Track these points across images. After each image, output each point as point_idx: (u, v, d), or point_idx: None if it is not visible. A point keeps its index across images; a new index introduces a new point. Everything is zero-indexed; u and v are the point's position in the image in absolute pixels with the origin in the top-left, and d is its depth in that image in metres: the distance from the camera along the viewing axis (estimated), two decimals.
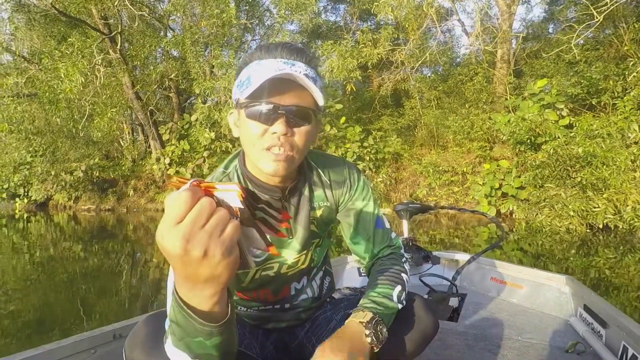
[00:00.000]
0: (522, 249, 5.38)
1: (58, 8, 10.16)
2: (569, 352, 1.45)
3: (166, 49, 10.91)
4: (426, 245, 5.80)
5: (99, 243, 6.86)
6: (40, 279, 4.41)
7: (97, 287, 3.96)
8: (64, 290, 3.93)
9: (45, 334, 2.74)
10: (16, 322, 2.98)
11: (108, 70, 10.87)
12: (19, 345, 2.54)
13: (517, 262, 3.76)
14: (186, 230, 0.42)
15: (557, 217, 6.54)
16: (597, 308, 1.54)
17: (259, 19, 12.16)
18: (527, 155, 8.47)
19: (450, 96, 12.12)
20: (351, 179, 0.97)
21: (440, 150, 11.18)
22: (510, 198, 8.37)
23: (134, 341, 0.76)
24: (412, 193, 10.97)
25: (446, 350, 1.49)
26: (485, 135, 10.11)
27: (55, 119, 10.67)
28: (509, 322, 1.77)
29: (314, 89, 0.74)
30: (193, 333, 0.54)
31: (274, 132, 0.75)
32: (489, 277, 2.23)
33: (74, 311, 3.25)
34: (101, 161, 13.60)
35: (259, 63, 0.77)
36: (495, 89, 11.39)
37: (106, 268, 4.90)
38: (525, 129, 8.17)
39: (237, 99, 0.80)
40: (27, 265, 5.15)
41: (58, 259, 5.57)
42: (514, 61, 11.82)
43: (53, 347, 1.06)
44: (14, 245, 6.93)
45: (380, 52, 9.45)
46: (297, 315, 1.02)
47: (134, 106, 12.22)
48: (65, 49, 8.96)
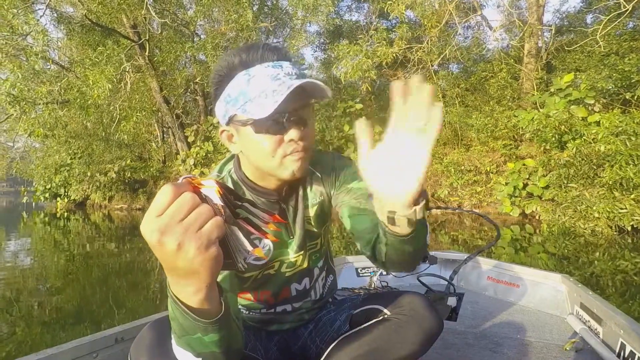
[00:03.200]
0: (547, 251, 5.18)
1: (92, 19, 10.83)
2: (567, 349, 1.47)
3: (192, 54, 11.33)
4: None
5: (130, 241, 7.22)
6: (77, 274, 4.70)
7: (129, 282, 4.15)
8: (98, 285, 4.16)
9: (81, 324, 2.91)
10: (57, 313, 3.19)
11: (137, 75, 11.43)
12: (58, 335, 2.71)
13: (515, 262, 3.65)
14: (163, 222, 0.43)
15: (582, 219, 6.22)
16: (593, 306, 1.56)
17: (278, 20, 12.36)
18: (552, 154, 8.10)
19: (474, 93, 11.79)
20: (339, 168, 0.95)
21: (464, 149, 10.90)
22: (536, 198, 8.04)
23: (139, 346, 0.74)
24: (434, 193, 10.77)
25: (447, 349, 1.51)
26: (511, 133, 9.75)
27: (86, 124, 11.31)
28: (507, 320, 1.80)
29: (322, 87, 0.72)
30: (191, 329, 0.55)
31: (290, 140, 0.74)
32: (486, 277, 2.26)
33: (107, 304, 3.42)
34: (132, 162, 14.26)
35: (247, 73, 0.74)
36: (522, 85, 10.97)
37: (137, 264, 5.18)
38: (550, 127, 7.81)
39: (231, 115, 0.77)
40: (67, 261, 5.50)
41: (93, 255, 5.93)
42: (546, 55, 11.31)
43: (54, 352, 1.05)
44: (55, 242, 7.43)
45: (394, 51, 9.33)
46: (300, 316, 1.02)
47: (162, 110, 12.78)
48: (95, 57, 9.54)
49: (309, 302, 1.01)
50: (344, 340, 0.87)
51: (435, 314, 0.88)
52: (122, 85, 10.52)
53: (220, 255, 0.46)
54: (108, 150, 13.85)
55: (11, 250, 6.62)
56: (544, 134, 7.95)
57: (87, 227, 9.95)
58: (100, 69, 8.90)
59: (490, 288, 2.20)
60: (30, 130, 10.67)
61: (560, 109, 7.95)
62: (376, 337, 0.84)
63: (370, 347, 0.83)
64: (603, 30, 7.70)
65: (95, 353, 1.12)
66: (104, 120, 11.60)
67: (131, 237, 7.69)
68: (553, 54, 11.32)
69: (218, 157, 11.52)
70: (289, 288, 0.97)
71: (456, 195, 10.19)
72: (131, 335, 1.17)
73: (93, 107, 9.94)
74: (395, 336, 0.82)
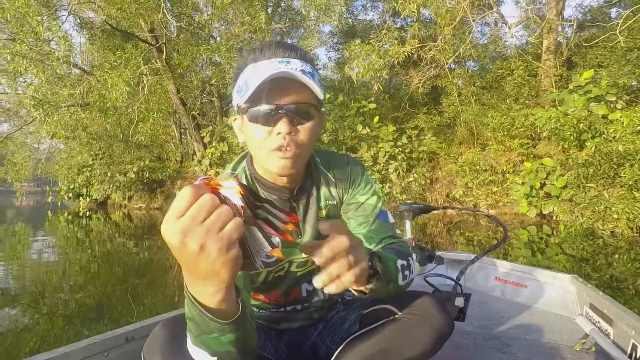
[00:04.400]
0: (564, 252, 5.06)
1: (111, 24, 11.17)
2: (577, 350, 1.46)
3: (207, 56, 11.53)
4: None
5: (148, 239, 7.42)
6: (98, 271, 4.87)
7: (146, 280, 4.28)
8: (118, 282, 4.30)
9: (100, 320, 3.02)
10: (79, 308, 3.32)
11: (155, 78, 11.71)
12: (79, 329, 2.82)
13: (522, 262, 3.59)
14: (184, 224, 0.43)
15: (601, 220, 6.05)
16: (603, 306, 1.54)
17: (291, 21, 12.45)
18: (571, 153, 7.89)
19: (490, 91, 11.57)
20: (354, 175, 0.96)
21: (480, 149, 10.72)
22: (554, 199, 7.85)
23: (152, 345, 0.75)
24: (449, 193, 10.64)
25: (456, 350, 1.51)
26: (528, 131, 9.54)
27: (105, 126, 11.63)
28: (515, 321, 1.79)
29: (312, 83, 0.73)
30: (207, 329, 0.55)
31: (278, 133, 0.75)
32: (493, 277, 2.25)
33: (126, 301, 3.53)
34: (151, 163, 14.60)
35: (254, 66, 0.76)
36: (540, 82, 10.70)
37: (154, 262, 5.33)
38: (569, 125, 7.61)
39: (238, 104, 0.80)
40: (88, 258, 5.72)
41: (113, 253, 6.14)
42: (567, 51, 10.98)
43: (67, 350, 1.06)
44: (78, 240, 7.70)
45: (406, 50, 9.25)
46: (310, 315, 1.02)
47: (179, 111, 13.06)
48: (113, 61, 9.84)
49: (318, 302, 1.01)
50: (355, 340, 0.86)
51: (446, 314, 0.88)
52: (140, 88, 10.80)
53: (240, 256, 0.47)
54: (127, 151, 14.23)
55: (37, 247, 6.91)
56: (562, 132, 7.75)
57: (108, 225, 10.25)
58: (119, 72, 9.18)
59: (498, 288, 2.19)
60: (53, 133, 11.11)
61: (579, 106, 7.73)
62: (387, 337, 0.83)
63: (380, 347, 0.82)
64: (624, 25, 7.43)
65: (106, 352, 1.13)
66: (122, 122, 11.92)
67: (149, 236, 7.90)
68: (573, 50, 11.00)
69: (233, 157, 11.67)
70: (300, 288, 0.98)
71: (471, 196, 10.04)
72: (141, 335, 1.19)
73: (112, 110, 10.27)
74: (406, 336, 0.82)
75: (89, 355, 1.10)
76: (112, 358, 1.14)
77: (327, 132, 11.05)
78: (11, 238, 8.07)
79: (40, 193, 24.64)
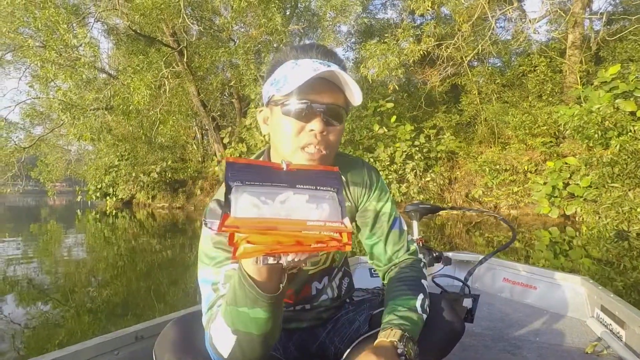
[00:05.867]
0: (589, 255, 4.91)
1: (135, 29, 11.58)
2: (588, 353, 1.43)
3: (225, 59, 11.77)
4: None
5: (171, 237, 7.67)
6: (124, 268, 5.08)
7: (169, 277, 4.40)
8: (142, 278, 4.48)
9: (124, 316, 3.14)
10: (105, 304, 3.46)
11: (176, 81, 12.05)
12: (103, 324, 2.94)
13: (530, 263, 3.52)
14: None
15: (626, 221, 5.82)
16: (615, 308, 1.52)
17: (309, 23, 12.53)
18: (595, 152, 7.61)
19: (511, 89, 11.28)
20: (370, 180, 0.96)
21: (501, 148, 10.48)
22: (577, 199, 7.59)
23: (163, 343, 0.75)
24: (467, 193, 10.46)
25: (464, 351, 1.50)
26: (551, 130, 9.26)
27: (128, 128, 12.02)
28: (524, 323, 1.77)
29: (355, 87, 0.74)
30: (242, 298, 0.59)
31: (311, 130, 0.75)
32: (502, 278, 2.24)
33: (148, 297, 3.66)
34: (173, 163, 15.00)
35: (296, 62, 0.77)
36: (565, 78, 10.35)
37: (177, 260, 5.50)
38: (593, 123, 7.33)
39: (270, 96, 0.80)
40: (114, 255, 5.97)
41: (138, 251, 6.37)
42: (595, 46, 10.54)
43: (78, 349, 1.07)
44: (105, 237, 8.02)
45: (422, 48, 9.12)
46: (319, 314, 1.01)
47: (200, 113, 13.38)
48: (136, 66, 10.20)
49: (327, 301, 1.01)
50: (365, 340, 0.85)
51: (456, 316, 0.88)
52: (162, 91, 11.14)
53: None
54: (151, 152, 14.69)
55: (68, 245, 7.26)
56: (586, 130, 7.48)
57: (133, 224, 10.61)
58: (141, 76, 9.51)
59: (506, 290, 2.17)
60: (79, 135, 11.62)
61: (604, 103, 7.44)
62: None
63: None
64: None
65: (116, 350, 1.14)
66: (143, 124, 12.31)
67: (172, 234, 8.16)
68: (600, 44, 10.56)
69: (251, 157, 11.83)
70: (310, 287, 0.98)
71: (491, 196, 9.84)
72: (150, 334, 1.20)
73: (134, 112, 10.65)
74: (419, 338, 0.81)
75: (100, 353, 1.11)
76: (122, 356, 1.15)
77: (343, 131, 11.04)
78: (44, 235, 8.51)
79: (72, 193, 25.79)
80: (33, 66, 12.32)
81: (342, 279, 1.06)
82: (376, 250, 0.97)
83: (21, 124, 15.22)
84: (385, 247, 0.95)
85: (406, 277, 0.90)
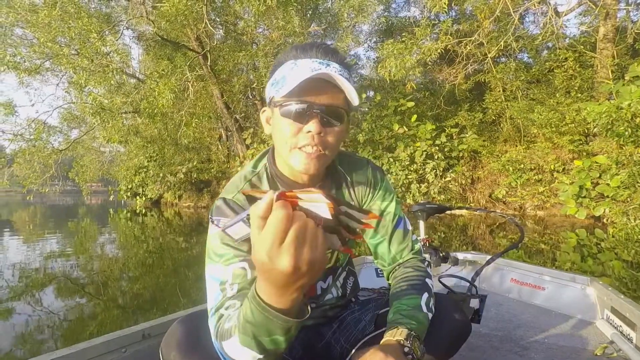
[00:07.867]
0: (619, 257, 4.73)
1: (161, 35, 12.03)
2: (598, 355, 1.42)
3: (247, 61, 12.03)
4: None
5: (196, 236, 7.91)
6: (153, 264, 5.31)
7: (193, 274, 4.52)
8: (169, 274, 4.68)
9: (149, 310, 3.28)
10: (134, 299, 3.66)
11: (200, 84, 12.43)
12: (131, 317, 3.09)
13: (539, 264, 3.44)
14: (292, 251, 0.44)
15: None
16: (625, 310, 1.51)
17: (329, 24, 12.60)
18: (625, 150, 7.26)
19: (537, 86, 10.89)
20: (374, 179, 0.96)
21: (526, 146, 10.16)
22: (607, 199, 7.27)
23: (170, 341, 0.76)
24: (491, 193, 10.22)
25: (472, 352, 1.50)
26: (580, 127, 8.89)
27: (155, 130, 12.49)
28: (533, 324, 1.75)
29: (350, 88, 0.74)
30: (272, 331, 0.56)
31: (308, 131, 0.75)
32: (509, 279, 2.22)
33: (175, 293, 3.80)
34: (199, 164, 15.43)
35: (295, 63, 0.77)
36: (596, 73, 9.89)
37: (202, 257, 5.73)
38: (623, 120, 7.00)
39: (271, 97, 0.80)
40: (144, 252, 6.26)
41: (165, 248, 6.66)
42: (632, 38, 10.00)
43: (85, 346, 1.08)
44: (135, 236, 8.38)
45: (440, 46, 8.96)
46: (324, 312, 1.01)
47: (223, 114, 13.73)
48: (161, 70, 10.60)
49: (332, 299, 1.01)
50: (371, 340, 0.85)
51: (463, 316, 0.88)
52: (186, 95, 11.53)
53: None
54: (177, 154, 15.19)
55: (101, 241, 7.67)
56: (617, 127, 7.15)
57: (161, 223, 11.03)
58: (165, 80, 9.90)
59: (514, 290, 2.15)
60: (109, 137, 12.19)
61: (635, 99, 7.09)
62: None
63: None
64: None
65: (124, 348, 1.15)
66: (168, 126, 12.75)
67: (197, 232, 8.44)
68: (636, 36, 10.01)
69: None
70: (315, 286, 0.97)
71: (515, 196, 9.58)
72: (157, 332, 1.21)
73: (159, 115, 11.09)
74: (426, 338, 0.81)
75: (108, 351, 1.12)
76: (130, 354, 1.16)
77: (363, 131, 11.02)
78: (80, 233, 9.04)
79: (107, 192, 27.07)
80: (69, 73, 13.03)
81: (346, 278, 1.06)
82: (380, 250, 0.97)
83: (59, 128, 16.13)
84: (390, 246, 0.96)
85: (411, 276, 0.91)
